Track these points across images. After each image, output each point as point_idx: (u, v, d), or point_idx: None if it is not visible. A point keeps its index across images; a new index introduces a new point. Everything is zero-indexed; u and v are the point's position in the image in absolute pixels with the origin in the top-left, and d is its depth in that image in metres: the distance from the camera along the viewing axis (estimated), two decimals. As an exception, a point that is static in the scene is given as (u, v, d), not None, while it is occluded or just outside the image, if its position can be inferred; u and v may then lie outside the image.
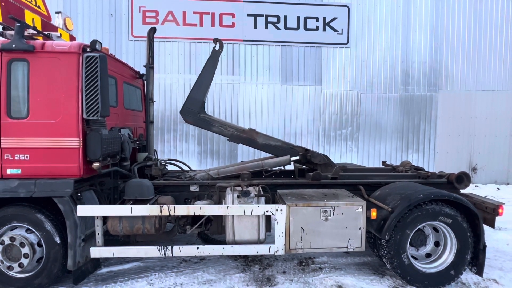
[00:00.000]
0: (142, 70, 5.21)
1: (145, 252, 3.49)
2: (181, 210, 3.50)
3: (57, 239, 3.39)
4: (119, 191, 4.18)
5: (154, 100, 4.96)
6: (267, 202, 3.81)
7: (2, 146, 3.31)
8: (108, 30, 8.63)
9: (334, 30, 8.97)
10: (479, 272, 3.68)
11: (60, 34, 4.21)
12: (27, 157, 3.34)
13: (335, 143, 9.12)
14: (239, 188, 3.85)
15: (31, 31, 3.77)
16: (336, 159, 8.94)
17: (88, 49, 3.43)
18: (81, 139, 3.37)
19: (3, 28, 3.85)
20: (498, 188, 8.97)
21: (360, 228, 3.60)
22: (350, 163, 6.45)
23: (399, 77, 9.19)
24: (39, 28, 4.04)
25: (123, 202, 3.79)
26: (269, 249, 3.57)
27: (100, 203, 3.75)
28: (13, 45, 3.27)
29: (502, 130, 9.47)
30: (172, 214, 3.46)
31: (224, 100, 8.93)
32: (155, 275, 3.88)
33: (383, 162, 5.52)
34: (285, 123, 8.98)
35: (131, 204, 3.54)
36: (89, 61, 3.32)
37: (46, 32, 3.95)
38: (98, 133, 3.41)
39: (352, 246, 3.61)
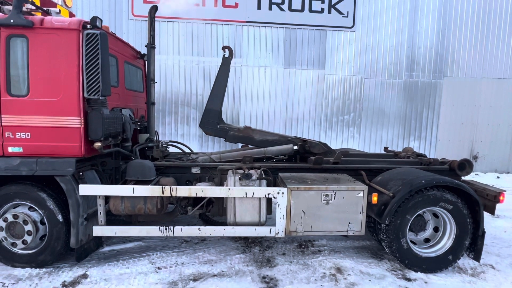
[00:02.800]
0: (143, 50, 5.12)
1: (147, 231, 3.53)
2: (183, 191, 3.51)
3: (60, 218, 3.42)
4: (120, 172, 4.19)
5: (155, 81, 4.90)
6: (268, 185, 3.83)
7: (3, 123, 3.29)
8: (108, 8, 8.41)
9: (340, 12, 8.75)
10: (477, 258, 3.73)
11: (60, 10, 4.10)
12: (28, 135, 3.33)
13: (337, 128, 9.07)
14: (240, 171, 3.85)
15: (29, 6, 3.67)
16: (337, 145, 8.93)
17: (88, 26, 3.34)
18: (82, 118, 3.35)
19: (1, 3, 3.75)
20: (498, 177, 9.00)
21: (360, 213, 3.63)
22: (351, 149, 6.45)
23: (404, 63, 9.04)
24: (38, 3, 3.93)
25: (125, 183, 3.80)
26: (270, 231, 3.60)
27: (102, 183, 3.76)
28: (11, 20, 3.19)
29: (506, 119, 9.40)
30: (174, 195, 3.47)
31: (226, 83, 8.83)
32: (156, 254, 3.94)
33: (385, 148, 5.51)
34: (287, 107, 8.90)
35: (133, 184, 3.55)
36: (89, 39, 3.25)
37: (45, 8, 3.85)
38: (100, 113, 3.38)
39: (352, 230, 3.65)
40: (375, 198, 3.65)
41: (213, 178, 4.18)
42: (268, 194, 3.56)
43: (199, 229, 3.56)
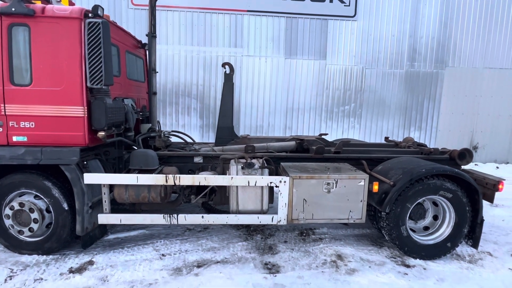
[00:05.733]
0: (144, 40, 5.10)
1: (151, 219, 3.60)
2: (186, 180, 3.55)
3: (65, 206, 3.47)
4: (123, 161, 4.23)
5: (157, 71, 4.89)
6: (270, 174, 3.86)
7: (7, 113, 3.31)
8: (107, -3, 8.33)
9: (342, 1, 8.66)
10: (475, 245, 3.80)
11: (60, -1, 4.07)
12: (32, 124, 3.35)
13: (337, 119, 9.09)
14: (243, 160, 3.89)
15: (30, -6, 3.65)
16: (338, 135, 8.97)
17: (90, 15, 3.33)
18: (86, 107, 3.36)
19: (1, -9, 3.72)
20: (497, 167, 9.07)
21: (361, 201, 3.68)
22: (352, 139, 6.48)
23: (405, 53, 9.01)
24: (38, -9, 3.90)
25: (128, 172, 3.84)
26: (272, 219, 3.67)
27: (106, 172, 3.80)
28: (13, 9, 3.18)
29: (506, 110, 9.42)
30: (177, 183, 3.52)
31: (226, 73, 8.81)
32: (160, 242, 4.01)
33: (386, 138, 5.54)
34: (288, 98, 8.90)
35: (137, 173, 3.59)
36: (91, 27, 3.24)
37: (45, -4, 3.82)
38: (103, 102, 3.40)
39: (353, 218, 3.70)
40: (376, 187, 3.70)
41: (215, 168, 4.22)
42: (271, 182, 3.61)
43: (202, 217, 3.62)
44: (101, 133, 3.44)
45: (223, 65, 5.03)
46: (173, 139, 5.25)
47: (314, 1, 8.63)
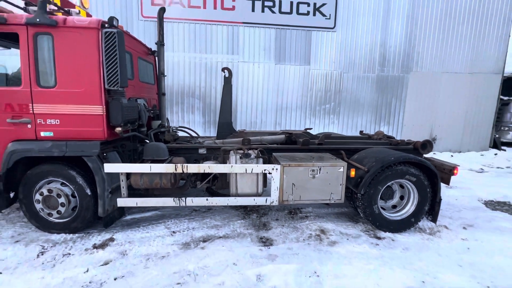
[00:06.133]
0: (153, 48, 5.00)
1: (163, 202, 3.58)
2: (193, 168, 3.54)
3: (88, 191, 3.43)
4: (138, 153, 4.18)
5: (165, 74, 4.81)
6: (264, 163, 3.87)
7: (34, 111, 3.23)
8: (120, 10, 8.10)
9: (323, 15, 8.60)
10: (434, 220, 3.90)
11: (79, 11, 3.95)
12: (57, 121, 3.28)
13: (319, 116, 9.11)
14: (241, 151, 3.88)
15: (52, 7, 3.53)
16: (320, 129, 9.00)
17: (106, 25, 3.25)
18: (104, 106, 3.30)
19: (26, 4, 3.59)
20: (452, 155, 9.25)
21: (341, 184, 3.72)
22: (333, 132, 6.52)
23: (377, 59, 9.03)
24: (59, 4, 3.77)
25: (142, 162, 3.80)
26: (266, 200, 3.69)
27: (123, 163, 3.75)
28: (37, 19, 3.08)
29: (460, 108, 9.57)
30: (185, 171, 3.50)
31: (225, 77, 8.72)
32: (171, 221, 4.01)
33: (361, 132, 5.59)
34: (278, 98, 8.87)
35: (150, 163, 3.56)
36: (108, 36, 3.16)
37: (66, 8, 3.70)
38: (119, 102, 3.34)
39: (334, 199, 3.75)
40: (353, 173, 3.74)
41: (217, 158, 4.21)
42: (264, 170, 3.62)
43: (206, 199, 3.62)
44: (118, 129, 3.39)
45: (223, 69, 4.97)
46: (180, 133, 5.20)
47: (300, 15, 8.55)
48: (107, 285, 2.64)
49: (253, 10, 8.40)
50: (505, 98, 10.90)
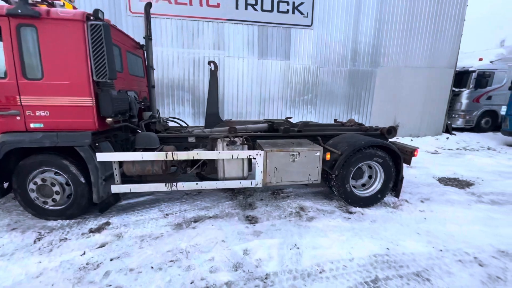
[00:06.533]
0: (142, 42, 4.68)
1: (156, 187, 3.45)
2: (183, 155, 3.40)
3: (82, 179, 3.23)
4: (130, 142, 3.98)
5: (154, 67, 4.54)
6: (249, 149, 3.80)
7: (23, 103, 2.94)
8: (108, 6, 7.50)
9: (301, 13, 8.38)
10: (397, 195, 4.01)
11: (63, 3, 3.57)
12: (47, 113, 3.01)
13: (299, 106, 9.07)
14: (227, 139, 3.77)
15: (34, -2, 3.16)
16: (299, 118, 8.98)
17: (91, 17, 2.95)
18: (93, 98, 3.06)
19: (7, -5, 3.20)
20: (411, 140, 9.56)
21: (317, 167, 3.73)
22: (310, 121, 6.51)
23: (349, 55, 9.01)
24: (43, -4, 3.39)
25: (134, 151, 3.62)
26: (251, 183, 3.64)
27: (115, 152, 3.55)
28: (19, 10, 2.75)
29: (419, 98, 9.82)
30: (175, 158, 3.37)
31: (212, 71, 8.42)
32: (164, 204, 3.89)
33: (335, 120, 5.60)
34: (261, 90, 8.71)
35: (142, 151, 3.39)
36: (93, 29, 2.88)
37: (49, 1, 3.33)
38: (108, 93, 3.10)
39: (311, 180, 3.76)
40: (328, 156, 3.75)
41: (205, 145, 4.08)
42: (249, 155, 3.55)
43: (196, 184, 3.52)
44: (109, 120, 3.17)
45: (209, 63, 4.75)
46: (171, 124, 5.00)
47: (280, 13, 8.29)
48: (103, 266, 2.53)
49: (236, 7, 8.04)
50: (456, 89, 11.30)
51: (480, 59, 11.41)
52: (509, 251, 2.93)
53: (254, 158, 3.56)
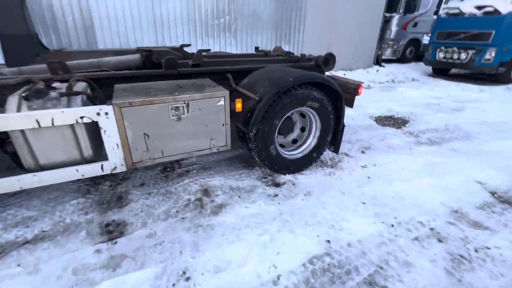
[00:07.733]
0: None
1: None
2: None
3: None
4: None
5: None
6: (93, 104, 2.11)
7: None
8: None
9: None
10: (336, 150, 3.18)
11: None
12: None
13: (213, 34, 7.05)
14: (36, 87, 1.94)
15: None
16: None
17: None
18: None
19: None
20: (344, 74, 9.17)
21: (223, 124, 2.41)
22: (221, 51, 4.89)
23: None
24: None
25: None
26: (102, 167, 2.09)
27: None
28: None
29: (354, 24, 9.11)
30: None
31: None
32: None
33: (256, 48, 4.16)
34: (154, 7, 6.20)
35: None
36: None
37: None
38: None
39: (216, 146, 2.47)
40: (239, 105, 2.42)
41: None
42: (82, 117, 1.88)
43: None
44: None
45: None
46: None
47: None
48: None
49: None
50: (387, 14, 11.08)
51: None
52: (462, 209, 2.50)
53: (95, 121, 1.93)
